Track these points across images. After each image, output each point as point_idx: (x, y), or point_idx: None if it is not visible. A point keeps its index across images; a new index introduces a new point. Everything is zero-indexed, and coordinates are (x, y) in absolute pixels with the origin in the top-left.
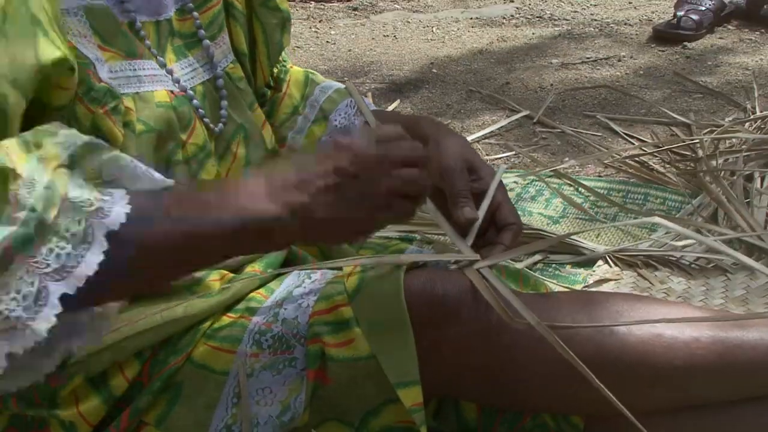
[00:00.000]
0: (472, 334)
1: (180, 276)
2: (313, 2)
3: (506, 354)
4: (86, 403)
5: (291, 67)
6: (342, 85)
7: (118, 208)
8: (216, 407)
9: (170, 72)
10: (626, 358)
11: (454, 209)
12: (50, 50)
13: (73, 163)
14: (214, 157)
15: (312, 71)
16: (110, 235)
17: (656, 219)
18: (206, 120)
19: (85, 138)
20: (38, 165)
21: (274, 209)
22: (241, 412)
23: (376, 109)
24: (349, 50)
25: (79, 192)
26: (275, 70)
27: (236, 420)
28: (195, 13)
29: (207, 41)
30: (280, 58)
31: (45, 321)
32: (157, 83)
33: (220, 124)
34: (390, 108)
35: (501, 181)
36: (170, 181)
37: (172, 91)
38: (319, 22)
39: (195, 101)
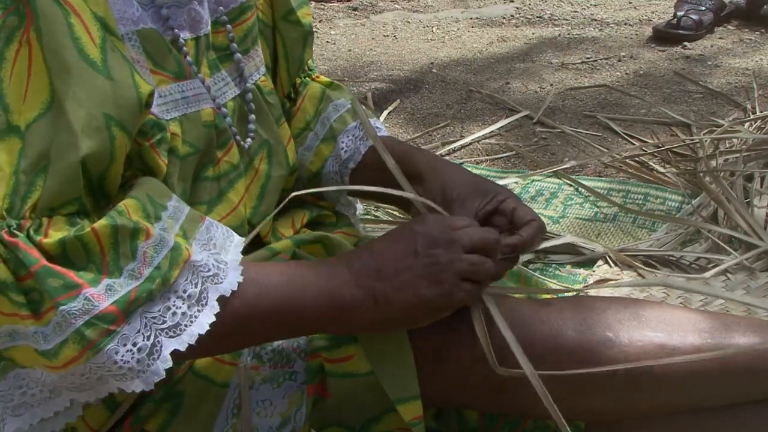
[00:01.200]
0: (473, 354)
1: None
2: (313, 2)
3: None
4: (90, 409)
5: (317, 77)
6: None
7: (231, 277)
8: (216, 418)
9: (208, 89)
10: (628, 368)
11: None
12: (144, 85)
13: (184, 234)
14: (245, 177)
15: (336, 85)
16: (222, 300)
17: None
18: (238, 137)
19: (186, 210)
20: (162, 232)
21: (359, 295)
22: (242, 422)
23: (386, 135)
24: (349, 50)
25: (200, 257)
26: (297, 81)
27: (236, 430)
28: (228, 26)
29: (239, 55)
30: (306, 68)
31: (155, 374)
32: (202, 102)
33: (249, 140)
34: (390, 108)
35: (509, 190)
36: (241, 240)
37: (213, 109)
38: (319, 22)
39: (228, 119)
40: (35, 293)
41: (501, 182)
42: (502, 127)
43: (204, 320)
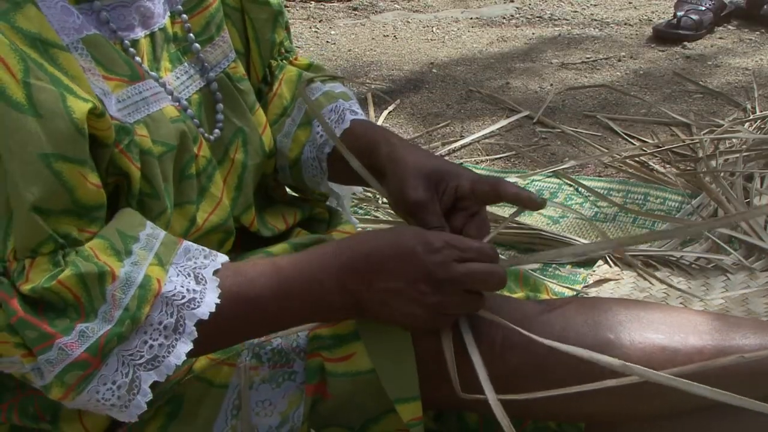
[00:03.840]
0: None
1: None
2: (313, 2)
3: (511, 374)
4: (90, 416)
5: (295, 59)
6: (335, 87)
7: (208, 299)
8: (215, 419)
9: (163, 85)
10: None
11: None
12: (79, 107)
13: (160, 261)
14: (219, 168)
15: (316, 66)
16: (200, 323)
17: None
18: (201, 130)
19: (161, 236)
20: (133, 267)
21: (344, 302)
22: (242, 422)
23: (359, 118)
24: (349, 50)
25: (172, 286)
26: (273, 64)
27: (236, 431)
28: (184, 16)
29: (197, 45)
30: (283, 50)
31: (137, 408)
32: (162, 100)
33: (216, 131)
34: (390, 108)
35: (464, 169)
36: (225, 258)
37: (174, 106)
38: (319, 22)
39: (189, 111)
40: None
41: None
42: (502, 127)
43: (181, 349)
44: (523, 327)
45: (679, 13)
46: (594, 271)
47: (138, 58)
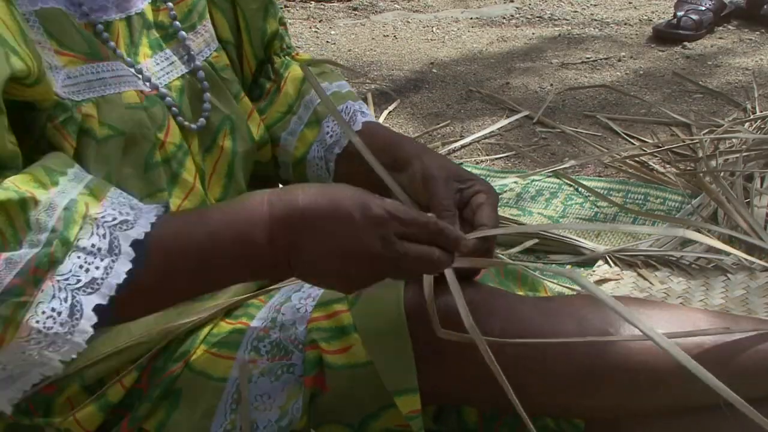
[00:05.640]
0: (475, 345)
1: (198, 293)
2: (313, 2)
3: (509, 365)
4: (82, 410)
5: (296, 55)
6: (341, 87)
7: (143, 220)
8: (215, 413)
9: (140, 71)
10: (629, 365)
11: None
12: (17, 63)
13: (91, 192)
14: (191, 155)
15: (317, 64)
16: (136, 245)
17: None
18: (180, 118)
19: (90, 176)
20: (57, 195)
21: (270, 256)
22: (241, 417)
23: (370, 120)
24: (349, 50)
25: (101, 209)
26: (277, 61)
27: (235, 426)
28: (170, 4)
29: (183, 33)
30: (284, 47)
31: (82, 333)
32: (124, 84)
33: (202, 119)
34: (390, 108)
35: (489, 184)
36: (161, 208)
37: (142, 91)
38: (319, 22)
39: (168, 98)
40: None
41: (501, 182)
42: (502, 127)
43: (120, 269)
44: (523, 321)
45: (679, 13)
46: (594, 271)
47: (112, 43)
